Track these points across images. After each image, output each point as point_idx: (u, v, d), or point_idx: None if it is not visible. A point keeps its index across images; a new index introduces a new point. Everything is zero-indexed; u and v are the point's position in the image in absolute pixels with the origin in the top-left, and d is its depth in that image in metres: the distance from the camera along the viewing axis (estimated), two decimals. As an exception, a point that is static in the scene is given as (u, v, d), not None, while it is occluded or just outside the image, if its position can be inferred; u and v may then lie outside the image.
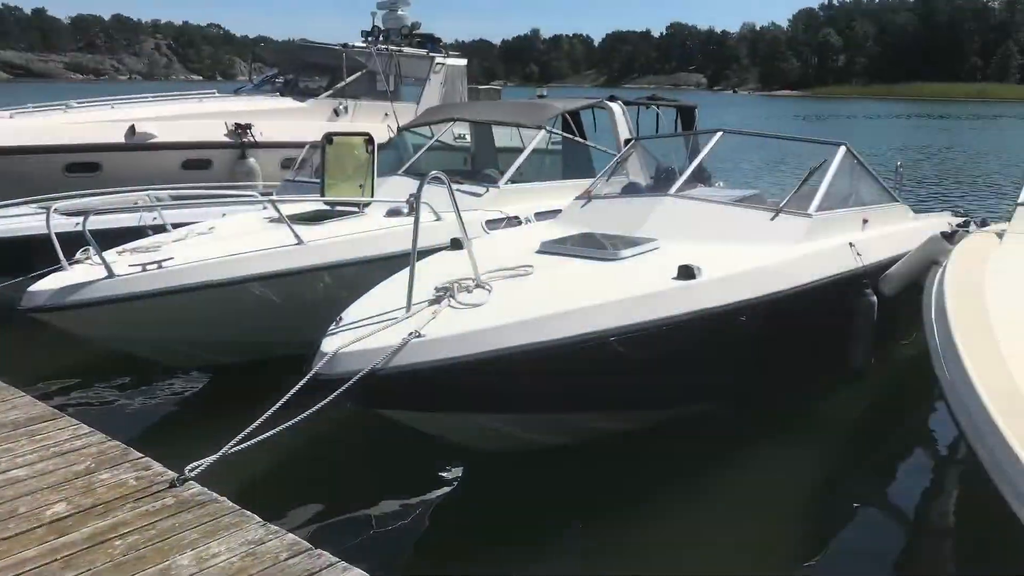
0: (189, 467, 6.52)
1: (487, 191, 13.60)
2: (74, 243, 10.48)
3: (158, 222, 12.63)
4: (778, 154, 33.45)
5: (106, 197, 13.83)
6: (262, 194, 16.05)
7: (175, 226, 12.26)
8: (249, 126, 21.79)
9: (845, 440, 10.73)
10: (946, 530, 9.11)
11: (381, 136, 16.78)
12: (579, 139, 16.26)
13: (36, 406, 8.22)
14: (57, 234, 10.26)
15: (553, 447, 9.11)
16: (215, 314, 10.65)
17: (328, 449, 9.91)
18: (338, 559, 5.54)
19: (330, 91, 23.99)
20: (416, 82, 25.60)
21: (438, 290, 7.99)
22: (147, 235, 12.16)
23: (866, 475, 10.05)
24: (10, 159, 18.44)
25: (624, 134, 16.42)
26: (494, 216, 13.11)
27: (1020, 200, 11.54)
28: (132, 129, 20.22)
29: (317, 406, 6.82)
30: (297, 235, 11.04)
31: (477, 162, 17.90)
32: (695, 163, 11.97)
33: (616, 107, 16.83)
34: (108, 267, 10.05)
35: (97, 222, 10.91)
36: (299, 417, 6.72)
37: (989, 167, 46.03)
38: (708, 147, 12.15)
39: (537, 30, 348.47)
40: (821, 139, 12.52)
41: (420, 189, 7.89)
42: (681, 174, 11.69)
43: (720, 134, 12.26)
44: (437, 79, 25.68)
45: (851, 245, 10.61)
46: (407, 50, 25.77)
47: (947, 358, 6.96)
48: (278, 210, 11.37)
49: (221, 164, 21.42)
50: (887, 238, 11.48)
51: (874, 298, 10.33)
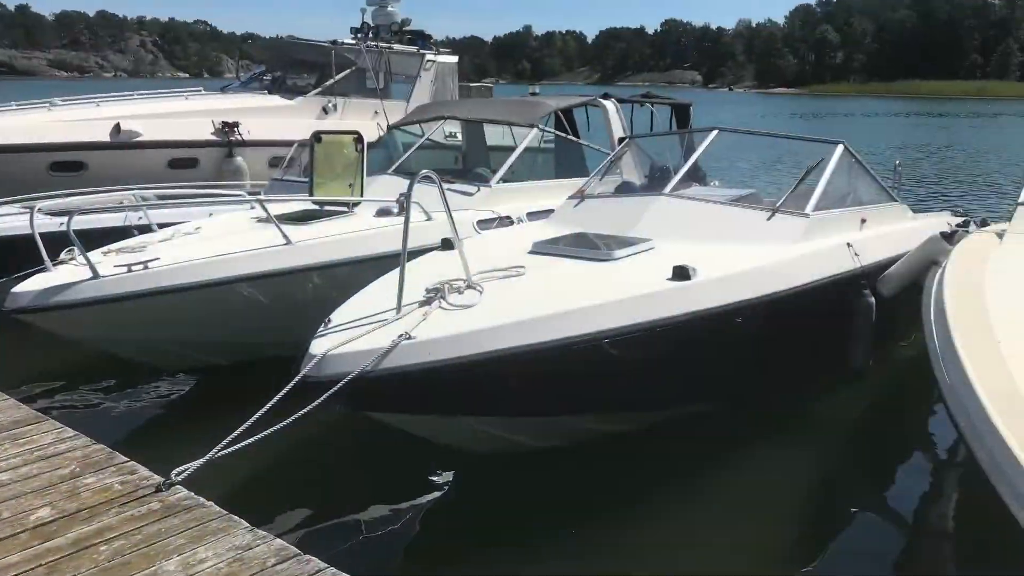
0: (175, 471, 6.51)
1: (478, 190, 13.59)
2: (58, 243, 10.47)
3: (144, 222, 12.61)
4: (774, 153, 33.58)
5: (91, 197, 13.82)
6: (249, 193, 16.01)
7: (161, 226, 12.23)
8: (236, 124, 21.78)
9: (843, 442, 10.74)
10: (945, 533, 9.12)
11: (371, 134, 16.76)
12: (572, 137, 16.29)
13: (20, 409, 8.21)
14: (41, 234, 10.23)
15: (546, 450, 9.12)
16: (202, 315, 10.64)
17: (317, 453, 9.89)
18: (327, 565, 5.53)
19: (319, 89, 23.98)
20: (406, 79, 25.62)
21: (429, 291, 7.98)
22: (133, 235, 12.15)
23: (864, 477, 10.07)
24: (-7, 158, 18.46)
25: (618, 132, 16.41)
26: (486, 216, 13.10)
27: (1020, 200, 11.54)
28: (117, 127, 20.22)
29: (306, 409, 6.81)
30: (285, 235, 11.02)
31: (468, 161, 17.91)
32: (690, 162, 11.96)
33: (610, 105, 16.82)
34: (93, 268, 10.04)
35: (82, 222, 10.90)
36: (288, 420, 6.71)
37: (989, 166, 46.10)
38: (703, 146, 12.17)
39: (529, 27, 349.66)
40: (818, 137, 12.53)
41: (410, 188, 7.86)
42: (676, 173, 11.69)
43: (716, 132, 12.27)
44: (428, 76, 25.69)
45: (849, 245, 10.61)
46: (397, 47, 25.77)
47: (946, 359, 6.97)
48: (266, 210, 11.36)
49: (208, 163, 21.42)
50: (886, 238, 11.49)
51: (872, 299, 10.34)
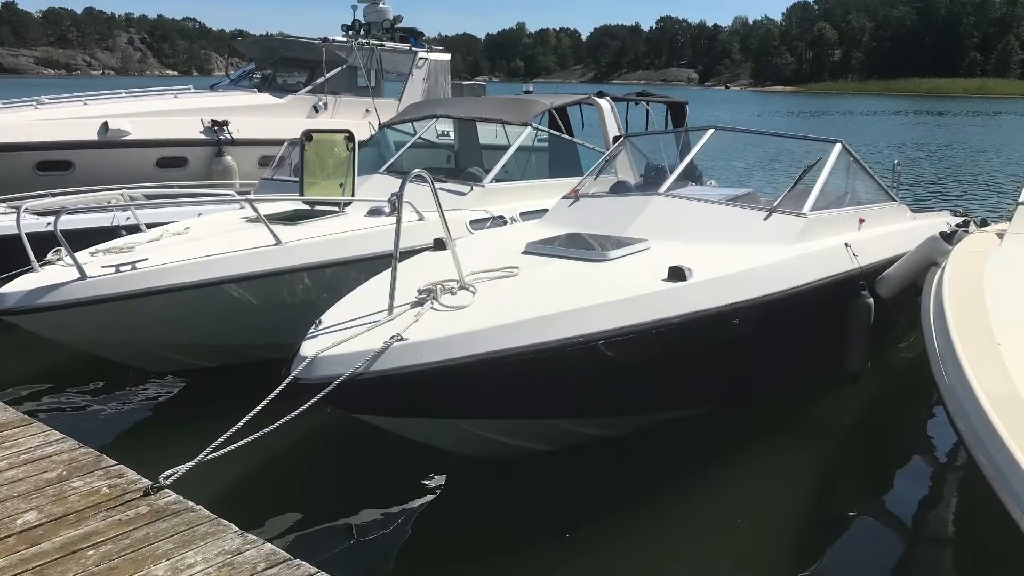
0: (164, 475, 6.48)
1: (471, 190, 13.59)
2: (45, 243, 10.48)
3: (132, 222, 12.63)
4: (771, 152, 33.50)
5: (78, 196, 13.82)
6: (239, 193, 16.05)
7: (149, 226, 12.21)
8: (226, 123, 21.80)
9: (841, 445, 10.74)
10: (945, 538, 9.12)
11: (362, 133, 16.74)
12: (566, 136, 16.22)
13: (5, 412, 8.19)
14: (28, 234, 10.23)
15: (539, 453, 9.12)
16: (191, 317, 10.63)
17: (308, 456, 9.89)
18: (318, 569, 5.53)
19: (309, 87, 23.99)
20: (398, 77, 25.64)
21: (421, 292, 7.98)
22: (120, 235, 12.14)
23: (862, 481, 10.07)
24: (-20, 157, 18.45)
25: (612, 131, 16.45)
26: (478, 215, 13.12)
27: (1021, 199, 11.54)
28: (105, 126, 20.23)
29: (296, 411, 6.78)
30: (275, 235, 10.99)
31: (461, 160, 17.90)
32: (686, 161, 12.00)
33: (604, 103, 16.85)
34: (80, 268, 10.03)
35: (69, 222, 10.88)
36: (277, 423, 6.69)
37: (989, 165, 46.11)
38: (699, 144, 12.17)
39: (523, 24, 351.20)
40: (816, 136, 12.55)
41: (402, 188, 7.84)
42: (671, 172, 11.72)
43: (712, 131, 12.27)
44: (420, 74, 25.72)
45: (847, 246, 10.61)
46: (389, 44, 25.80)
47: (946, 362, 6.97)
48: (256, 209, 11.31)
49: (197, 162, 21.43)
50: (884, 238, 11.49)
51: (871, 300, 10.33)
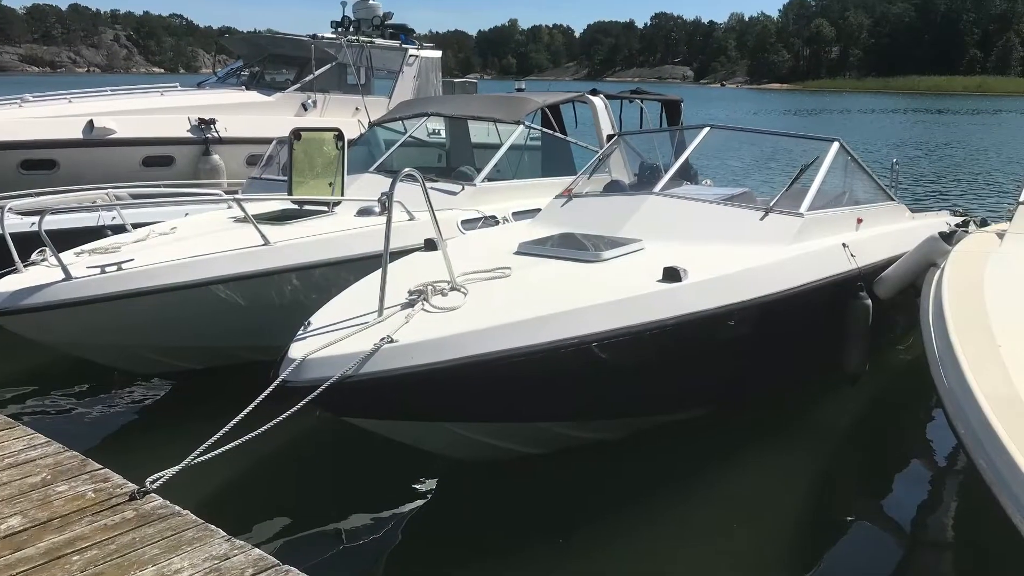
0: (150, 479, 6.47)
1: (463, 189, 13.59)
2: (30, 244, 10.47)
3: (118, 222, 12.62)
4: (768, 151, 33.61)
5: (63, 196, 13.80)
6: (227, 192, 16.00)
7: (135, 226, 12.21)
8: (213, 121, 21.77)
9: (839, 448, 10.74)
10: (944, 542, 9.12)
11: (352, 131, 16.77)
12: (559, 135, 16.24)
13: (-11, 415, 8.19)
14: (12, 234, 10.23)
15: (532, 456, 9.13)
16: (177, 318, 10.62)
17: (296, 460, 9.88)
18: (306, 575, 5.53)
19: (298, 84, 23.99)
20: (388, 75, 25.66)
21: (411, 293, 7.97)
22: (106, 235, 12.15)
23: (861, 485, 10.08)
24: (-38, 156, 18.45)
25: (606, 129, 16.43)
26: (470, 215, 13.11)
27: (1021, 199, 11.55)
28: (90, 124, 20.19)
29: (284, 415, 6.78)
30: (263, 235, 10.97)
31: (452, 159, 17.93)
32: (681, 160, 11.98)
33: (598, 101, 16.84)
34: (65, 269, 10.02)
35: (54, 222, 10.88)
36: (266, 426, 6.67)
37: (989, 164, 46.16)
38: (695, 143, 12.18)
39: (515, 20, 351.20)
40: (813, 135, 12.58)
41: (392, 187, 7.78)
42: (666, 171, 11.71)
43: (707, 129, 12.28)
44: (410, 72, 25.73)
45: (845, 246, 10.61)
46: (379, 41, 25.79)
47: (945, 364, 6.97)
48: (243, 209, 11.31)
49: (184, 161, 21.40)
50: (883, 238, 11.50)
51: (869, 301, 10.33)
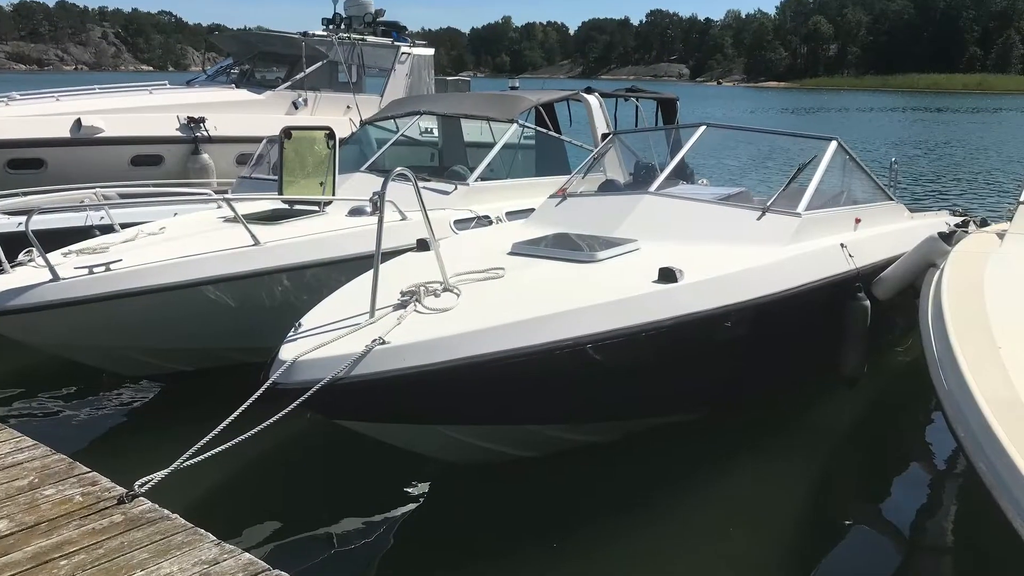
0: (139, 482, 6.47)
1: (455, 189, 13.59)
2: (16, 244, 10.47)
3: (106, 222, 12.62)
4: (765, 150, 33.66)
5: (50, 195, 13.81)
6: (216, 192, 16.01)
7: (124, 226, 12.19)
8: (202, 120, 21.78)
9: (837, 451, 10.74)
10: (943, 547, 9.14)
11: (343, 130, 16.78)
12: (553, 133, 16.27)
13: (-25, 418, 8.19)
14: (-2, 234, 10.23)
15: (525, 459, 9.13)
16: (166, 319, 10.62)
17: (287, 463, 9.89)
18: (297, 580, 5.53)
19: (289, 82, 24.02)
20: (380, 73, 25.68)
21: (403, 294, 7.97)
22: (94, 235, 12.15)
23: (859, 489, 10.09)
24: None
25: (601, 128, 16.45)
26: (463, 215, 13.11)
27: (1022, 199, 11.56)
28: (78, 123, 20.19)
29: (275, 417, 6.78)
30: (253, 235, 10.96)
31: (445, 158, 17.89)
32: (676, 159, 11.99)
33: (593, 99, 16.84)
34: (53, 269, 10.00)
35: (41, 222, 10.86)
36: (256, 429, 6.68)
37: (989, 163, 46.23)
38: (690, 142, 12.18)
39: (509, 18, 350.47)
40: (811, 134, 12.60)
41: (384, 187, 7.78)
42: (662, 170, 11.72)
43: (703, 128, 12.28)
44: (402, 70, 25.74)
45: (843, 246, 10.61)
46: (370, 39, 25.81)
47: (945, 365, 6.97)
48: (233, 209, 11.30)
49: (173, 160, 21.41)
50: (881, 239, 11.51)
51: (867, 302, 10.34)
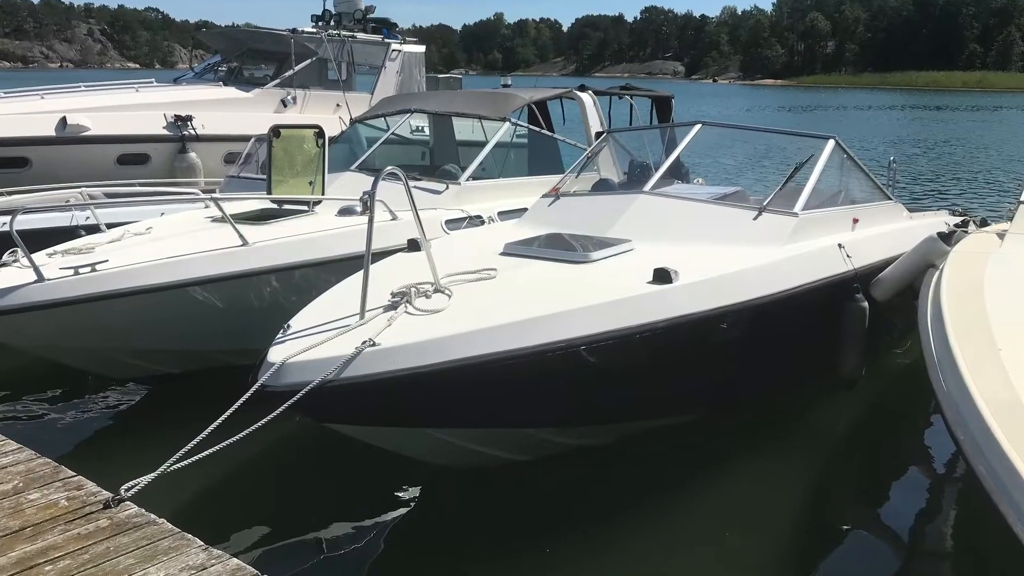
0: (125, 486, 6.44)
1: (447, 188, 13.59)
2: (0, 244, 10.45)
3: (91, 221, 12.62)
4: (761, 148, 33.68)
5: (35, 195, 13.82)
6: (204, 191, 16.00)
7: (110, 226, 12.18)
8: (190, 118, 21.78)
9: (835, 455, 10.75)
10: (942, 552, 9.14)
11: (333, 129, 16.82)
12: (546, 132, 16.25)
13: (-42, 421, 8.19)
14: (-18, 234, 10.23)
15: (518, 463, 9.13)
16: (153, 321, 10.61)
17: (275, 466, 9.89)
18: (286, 585, 5.54)
19: (277, 80, 24.03)
20: (370, 70, 25.69)
21: (394, 295, 7.97)
22: (80, 235, 12.13)
23: (857, 492, 10.10)
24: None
25: (595, 126, 16.45)
26: (454, 215, 13.12)
27: (1022, 198, 11.58)
28: (63, 121, 20.19)
29: (263, 420, 6.77)
30: (242, 236, 10.97)
31: (436, 157, 17.91)
32: (672, 158, 12.00)
33: (586, 97, 16.84)
34: (37, 270, 9.99)
35: (25, 221, 10.84)
36: (244, 432, 6.67)
37: (989, 162, 46.32)
38: (686, 141, 12.18)
39: (501, 14, 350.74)
40: (808, 132, 12.63)
41: (375, 186, 7.81)
42: (657, 170, 11.72)
43: (699, 127, 12.30)
44: (393, 67, 25.74)
45: (841, 246, 10.62)
46: (360, 36, 25.81)
47: (944, 367, 6.98)
48: (221, 209, 11.27)
49: (159, 159, 21.41)
50: (880, 239, 11.52)
51: (865, 303, 10.34)
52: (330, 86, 24.45)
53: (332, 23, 25.89)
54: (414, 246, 9.61)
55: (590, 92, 17.02)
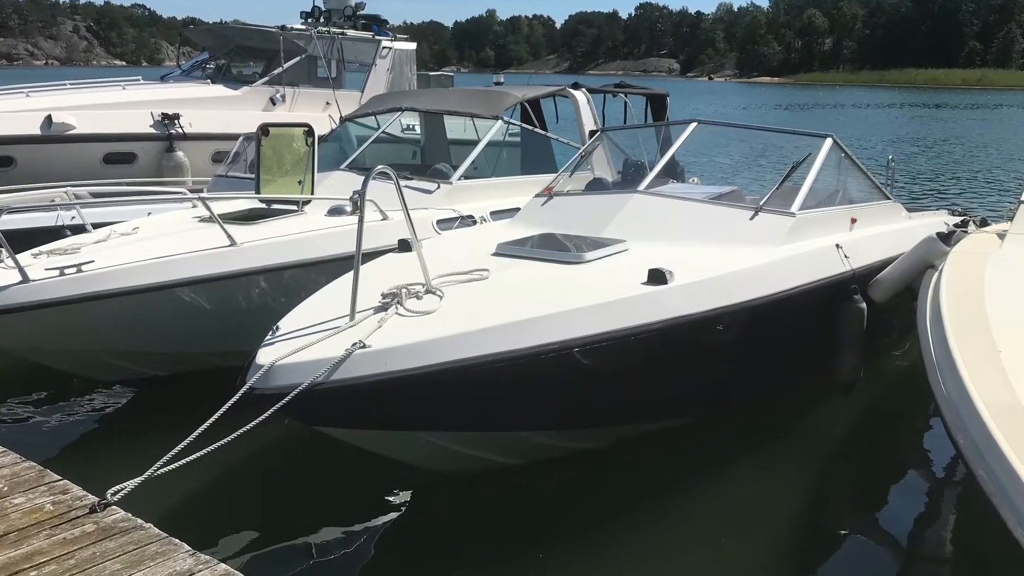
0: (111, 491, 6.42)
1: (438, 187, 13.58)
2: (-16, 244, 10.44)
3: (77, 221, 12.60)
4: (758, 147, 33.56)
5: (20, 194, 13.78)
6: (191, 191, 15.98)
7: (96, 226, 12.17)
8: (177, 116, 21.76)
9: (833, 459, 10.75)
10: (942, 556, 9.15)
11: (322, 127, 16.77)
12: (539, 130, 16.26)
13: (-59, 424, 8.17)
14: (-34, 235, 10.20)
15: (511, 467, 9.12)
16: (140, 322, 10.59)
17: (264, 470, 9.88)
18: (275, 591, 5.53)
19: (266, 78, 24.01)
20: (361, 68, 25.69)
21: (385, 296, 7.97)
22: (65, 236, 12.10)
23: (855, 496, 10.11)
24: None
25: (589, 125, 16.47)
26: (446, 215, 13.11)
27: (1023, 198, 11.58)
28: (49, 120, 20.17)
29: (252, 423, 6.77)
30: (230, 236, 10.96)
31: (427, 156, 17.95)
32: (667, 157, 12.01)
33: (580, 95, 16.86)
34: (22, 271, 9.96)
35: (10, 221, 10.87)
36: (232, 435, 6.65)
37: (989, 161, 46.31)
38: (681, 139, 12.21)
39: (493, 11, 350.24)
40: (805, 131, 12.60)
41: (365, 185, 7.77)
42: (651, 169, 11.73)
43: (694, 125, 12.30)
44: (383, 64, 25.72)
45: (838, 247, 10.62)
46: (351, 33, 25.82)
47: (943, 370, 6.99)
48: (209, 208, 11.25)
49: (146, 158, 21.38)
50: (878, 239, 11.52)
51: (864, 305, 10.35)
52: (319, 84, 24.43)
53: (322, 20, 25.87)
54: (405, 246, 9.62)
55: (584, 90, 17.04)
